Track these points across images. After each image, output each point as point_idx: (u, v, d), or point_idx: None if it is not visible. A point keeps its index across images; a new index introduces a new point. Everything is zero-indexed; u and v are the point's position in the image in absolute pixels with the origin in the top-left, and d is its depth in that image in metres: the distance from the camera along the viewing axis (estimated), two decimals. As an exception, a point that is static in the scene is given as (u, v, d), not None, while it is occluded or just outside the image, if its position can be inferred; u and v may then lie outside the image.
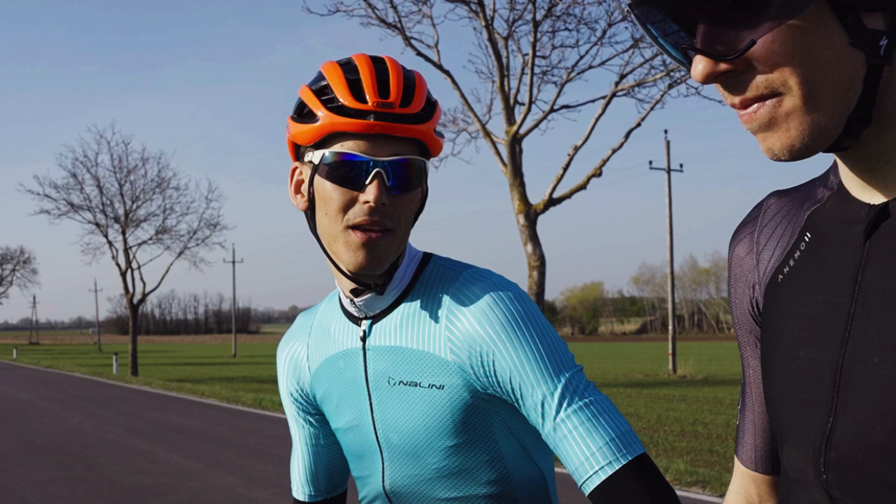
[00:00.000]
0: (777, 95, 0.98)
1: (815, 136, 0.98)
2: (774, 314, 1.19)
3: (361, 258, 1.64)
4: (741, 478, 1.43)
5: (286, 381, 1.97)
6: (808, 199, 1.21)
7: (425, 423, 1.71)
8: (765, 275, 1.24)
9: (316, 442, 1.98)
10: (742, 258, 1.30)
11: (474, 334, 1.64)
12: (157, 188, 41.88)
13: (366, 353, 1.78)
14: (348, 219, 1.63)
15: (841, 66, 0.96)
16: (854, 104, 0.98)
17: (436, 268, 1.77)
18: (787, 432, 1.14)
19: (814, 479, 1.08)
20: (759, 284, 1.26)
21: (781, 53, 0.96)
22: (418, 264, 1.78)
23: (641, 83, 15.76)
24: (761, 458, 1.38)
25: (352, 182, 1.62)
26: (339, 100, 1.61)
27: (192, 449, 14.96)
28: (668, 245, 40.25)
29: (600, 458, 1.56)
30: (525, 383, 1.61)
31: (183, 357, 76.77)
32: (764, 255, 1.25)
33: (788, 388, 1.13)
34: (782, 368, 1.15)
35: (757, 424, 1.37)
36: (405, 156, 1.63)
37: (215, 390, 29.05)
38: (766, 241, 1.25)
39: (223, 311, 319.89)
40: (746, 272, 1.29)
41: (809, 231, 1.17)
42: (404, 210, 1.66)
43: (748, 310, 1.30)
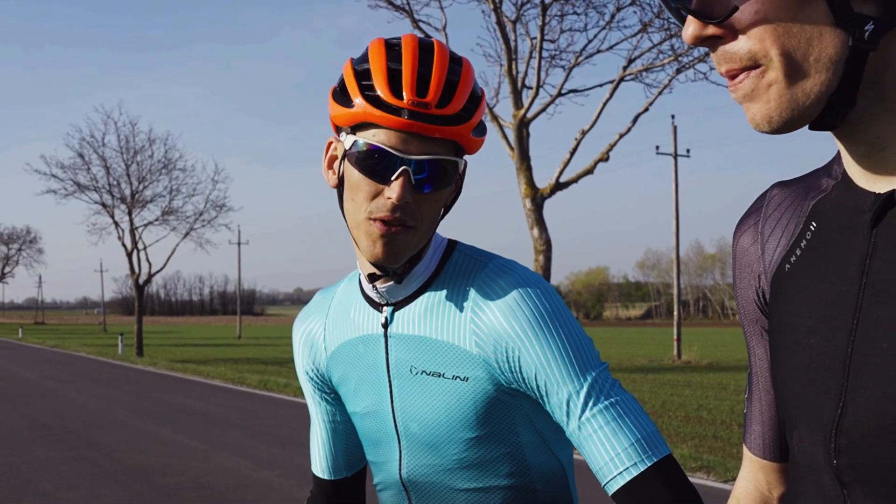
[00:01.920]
0: (760, 67, 0.99)
1: (792, 110, 0.99)
2: (782, 303, 1.19)
3: (379, 250, 1.62)
4: (750, 465, 1.43)
5: (302, 359, 1.96)
6: (813, 189, 1.21)
7: (447, 414, 1.70)
8: (770, 265, 1.24)
9: (333, 419, 1.96)
10: (747, 248, 1.30)
11: (500, 329, 1.63)
12: (164, 169, 41.83)
13: (388, 341, 1.75)
14: (371, 210, 1.61)
15: (823, 45, 0.97)
16: (835, 85, 0.98)
17: (461, 257, 1.74)
18: (797, 418, 1.14)
19: (824, 464, 1.08)
20: (764, 274, 1.26)
21: (765, 24, 0.97)
22: (443, 252, 1.76)
23: (649, 68, 15.71)
24: (769, 445, 1.38)
25: (378, 175, 1.59)
26: (377, 90, 1.58)
27: (197, 430, 15.00)
28: (675, 230, 40.16)
29: (625, 458, 1.54)
30: (550, 381, 1.60)
31: (188, 338, 76.91)
32: (769, 246, 1.25)
33: (798, 375, 1.13)
34: (791, 356, 1.15)
35: (764, 412, 1.37)
36: (435, 155, 1.60)
37: (220, 371, 29.12)
38: (771, 231, 1.25)
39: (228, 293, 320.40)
40: (752, 262, 1.29)
41: (815, 220, 1.17)
42: (429, 208, 1.63)
43: (754, 299, 1.30)
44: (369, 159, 1.59)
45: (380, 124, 1.58)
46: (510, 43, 16.30)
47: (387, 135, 1.58)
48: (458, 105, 1.59)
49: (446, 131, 1.58)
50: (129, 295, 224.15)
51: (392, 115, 1.56)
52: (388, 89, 1.57)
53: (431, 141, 1.59)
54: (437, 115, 1.57)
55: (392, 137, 1.58)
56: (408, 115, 1.56)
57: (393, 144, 1.58)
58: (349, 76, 1.63)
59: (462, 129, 1.60)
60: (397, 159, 1.58)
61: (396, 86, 1.57)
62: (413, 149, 1.58)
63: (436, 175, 1.61)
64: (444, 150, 1.61)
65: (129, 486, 10.14)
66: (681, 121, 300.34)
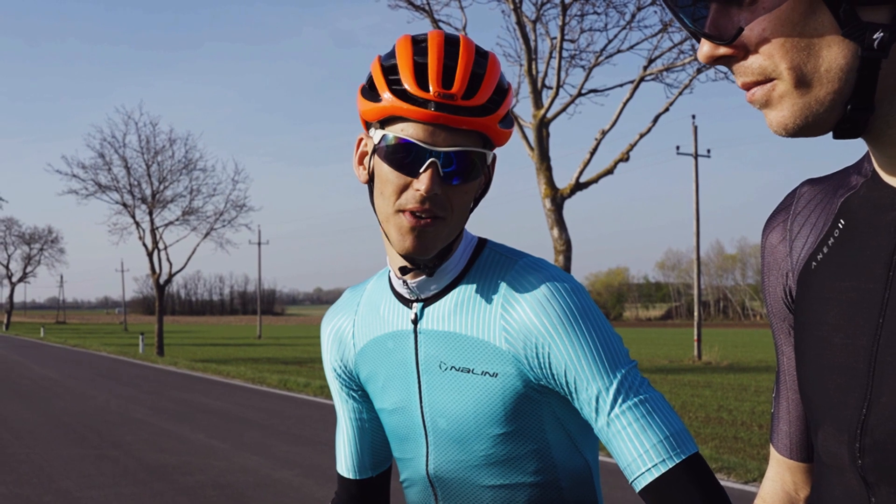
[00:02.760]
0: (771, 80, 1.01)
1: (807, 119, 1.01)
2: (808, 301, 1.18)
3: (410, 243, 1.64)
4: (777, 465, 1.43)
5: (330, 355, 1.96)
6: (842, 187, 1.21)
7: (475, 410, 1.70)
8: (798, 262, 1.24)
9: (360, 416, 1.97)
10: (775, 246, 1.29)
11: (531, 325, 1.63)
12: (184, 169, 42.02)
13: (417, 337, 1.77)
14: (400, 203, 1.63)
15: (831, 56, 0.98)
16: (849, 93, 0.99)
17: (491, 254, 1.76)
18: (821, 418, 1.13)
19: (849, 464, 1.08)
20: (792, 272, 1.25)
21: (772, 41, 0.99)
22: (473, 250, 1.77)
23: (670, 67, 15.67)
24: (796, 445, 1.38)
25: (407, 168, 1.61)
26: (404, 84, 1.60)
27: (217, 429, 15.05)
28: (695, 231, 40.06)
29: (654, 455, 1.55)
30: (580, 377, 1.60)
31: (208, 338, 77.20)
32: (797, 243, 1.25)
33: (822, 374, 1.13)
34: (816, 354, 1.15)
35: (792, 412, 1.37)
36: (463, 147, 1.61)
37: (240, 371, 29.21)
38: (800, 228, 1.25)
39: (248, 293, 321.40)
40: (780, 260, 1.28)
41: (843, 218, 1.17)
42: (459, 199, 1.65)
43: (782, 297, 1.30)
44: (398, 153, 1.61)
45: (407, 117, 1.60)
46: (530, 43, 16.28)
47: (414, 128, 1.60)
48: (484, 96, 1.61)
49: (473, 122, 1.60)
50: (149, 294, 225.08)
51: (419, 108, 1.58)
52: (414, 82, 1.59)
53: (459, 133, 1.61)
54: (464, 107, 1.59)
55: (420, 130, 1.60)
56: (434, 106, 1.58)
57: (421, 137, 1.60)
58: (377, 72, 1.65)
59: (488, 120, 1.62)
60: (425, 151, 1.60)
61: (423, 79, 1.60)
62: (441, 141, 1.60)
63: (464, 167, 1.62)
64: (471, 142, 1.63)
65: (149, 484, 10.18)
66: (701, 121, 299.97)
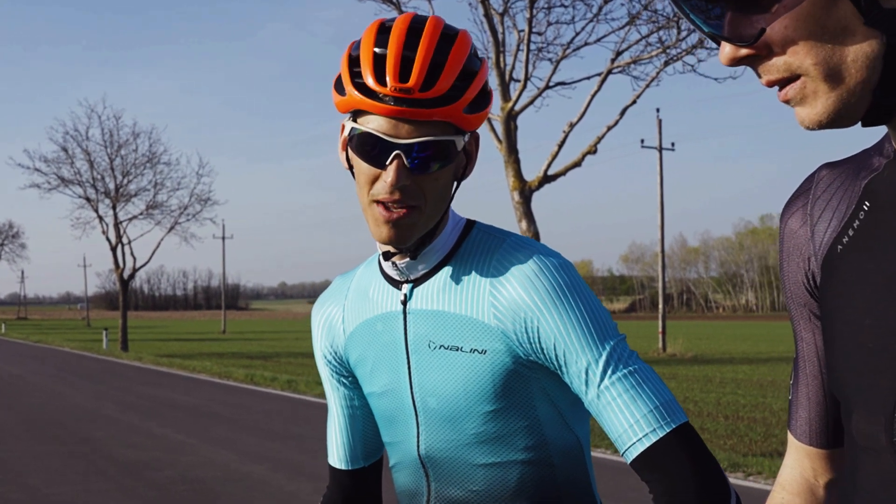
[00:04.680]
0: (798, 77, 1.01)
1: (839, 110, 1.01)
2: (835, 285, 1.18)
3: (385, 233, 1.66)
4: (795, 452, 1.43)
5: (320, 343, 1.97)
6: (864, 169, 1.20)
7: (465, 388, 1.71)
8: (821, 246, 1.23)
9: (351, 404, 1.97)
10: (795, 231, 1.29)
11: (519, 301, 1.64)
12: (148, 163, 41.63)
13: (406, 317, 1.78)
14: (373, 194, 1.64)
15: (856, 46, 0.98)
16: (876, 81, 0.99)
17: (479, 234, 1.77)
18: (854, 401, 1.13)
19: (886, 446, 1.08)
20: (815, 256, 1.25)
21: (795, 38, 0.99)
22: (461, 230, 1.78)
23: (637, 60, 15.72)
24: (816, 432, 1.38)
25: (375, 160, 1.63)
26: (364, 78, 1.61)
27: (184, 424, 14.97)
28: (659, 224, 40.26)
29: (644, 425, 1.56)
30: (569, 350, 1.61)
31: (172, 333, 76.75)
32: (819, 227, 1.24)
33: (854, 357, 1.12)
34: (846, 338, 1.14)
35: (811, 398, 1.37)
36: (428, 137, 1.61)
37: (206, 366, 29.07)
38: (821, 212, 1.24)
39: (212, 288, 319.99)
40: (801, 245, 1.28)
41: (868, 200, 1.16)
42: (431, 187, 1.65)
43: (803, 283, 1.29)
44: (365, 145, 1.63)
45: (368, 111, 1.61)
46: (498, 35, 16.28)
47: (378, 121, 1.62)
48: (443, 86, 1.60)
49: (433, 114, 1.60)
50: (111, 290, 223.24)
51: (378, 103, 1.59)
52: (373, 76, 1.60)
53: (424, 123, 1.61)
54: (422, 99, 1.59)
55: (383, 123, 1.61)
56: (392, 101, 1.59)
57: (384, 130, 1.61)
58: (344, 64, 1.67)
59: (451, 109, 1.61)
60: (390, 144, 1.61)
61: (381, 72, 1.60)
62: (405, 133, 1.61)
63: (432, 155, 1.63)
64: (439, 130, 1.63)
65: (118, 480, 10.10)
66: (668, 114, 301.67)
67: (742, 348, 40.02)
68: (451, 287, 1.73)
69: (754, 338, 53.52)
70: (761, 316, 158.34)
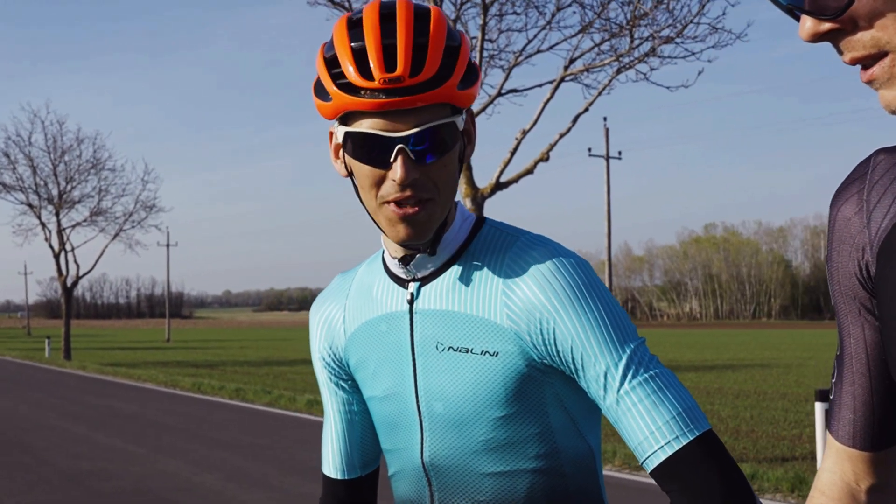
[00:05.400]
0: (885, 53, 0.94)
1: None
2: (894, 274, 1.11)
3: (403, 232, 1.57)
4: (836, 455, 1.36)
5: (319, 344, 1.87)
6: None
7: (474, 392, 1.62)
8: (878, 234, 1.17)
9: (349, 409, 1.87)
10: (849, 219, 1.22)
11: (535, 301, 1.56)
12: (93, 169, 41.13)
13: (413, 317, 1.69)
14: (382, 195, 1.56)
15: None
16: None
17: (491, 231, 1.68)
18: None
19: None
20: (870, 245, 1.18)
21: (885, 10, 0.92)
22: (472, 226, 1.70)
23: (590, 68, 15.75)
24: (860, 434, 1.31)
25: (377, 160, 1.54)
26: (347, 76, 1.51)
27: (132, 433, 14.73)
28: (606, 232, 40.48)
29: (666, 432, 1.48)
30: (587, 353, 1.53)
31: (115, 341, 75.79)
32: (876, 214, 1.18)
33: None
34: None
35: (857, 398, 1.30)
36: (428, 124, 1.53)
37: (151, 375, 28.75)
38: (879, 198, 1.18)
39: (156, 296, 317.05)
40: (854, 234, 1.21)
41: None
42: (441, 175, 1.57)
43: (854, 273, 1.22)
44: (364, 147, 1.54)
45: (359, 110, 1.52)
46: (450, 42, 16.25)
47: (372, 120, 1.53)
48: (433, 67, 1.52)
49: (428, 97, 1.51)
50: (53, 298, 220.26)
51: (368, 100, 1.50)
52: (357, 72, 1.50)
53: (420, 110, 1.53)
54: (414, 85, 1.50)
55: (378, 122, 1.52)
56: (383, 94, 1.50)
57: (381, 127, 1.52)
58: (321, 67, 1.57)
59: (445, 89, 1.53)
60: (390, 140, 1.52)
61: (364, 67, 1.51)
62: (402, 125, 1.52)
63: (436, 142, 1.54)
64: (436, 113, 1.55)
65: (66, 491, 9.89)
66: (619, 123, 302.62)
67: (688, 356, 40.25)
68: (461, 286, 1.64)
69: (699, 346, 53.92)
70: (705, 324, 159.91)
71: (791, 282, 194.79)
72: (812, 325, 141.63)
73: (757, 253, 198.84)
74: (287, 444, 13.41)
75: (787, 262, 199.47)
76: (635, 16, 14.30)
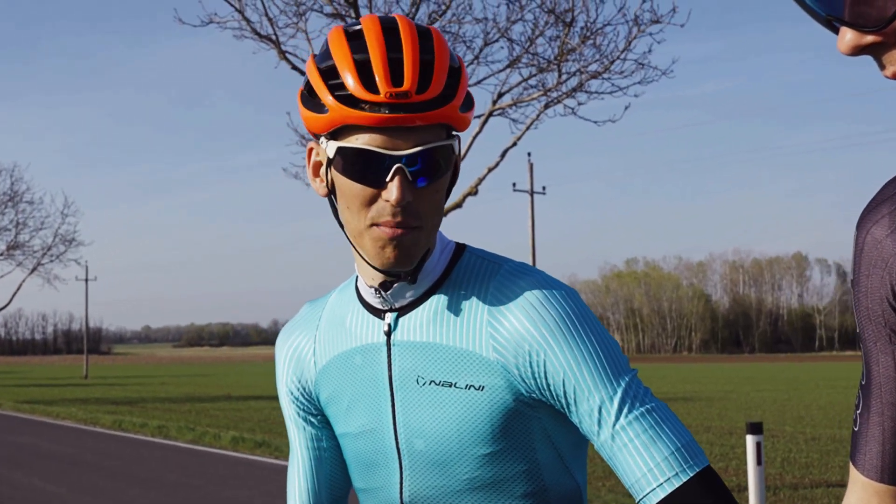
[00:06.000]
0: None
1: None
2: None
3: (390, 254, 1.48)
4: (862, 491, 1.28)
5: (286, 377, 1.76)
6: None
7: (458, 428, 1.54)
8: None
9: (318, 445, 1.76)
10: (880, 241, 1.17)
11: (524, 332, 1.49)
12: (10, 202, 40.36)
13: (391, 349, 1.60)
14: (373, 217, 1.47)
15: None
16: None
17: (472, 258, 1.60)
18: None
19: None
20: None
21: None
22: (452, 254, 1.61)
23: (517, 102, 15.84)
24: (890, 467, 1.24)
25: (371, 179, 1.45)
26: (349, 88, 1.43)
27: (52, 472, 14.32)
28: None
29: (665, 469, 1.42)
30: (580, 387, 1.46)
31: (31, 378, 73.87)
32: None
33: None
34: None
35: (886, 429, 1.24)
36: (429, 144, 1.46)
37: (70, 412, 28.05)
38: None
39: (73, 331, 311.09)
40: (886, 256, 1.16)
41: None
42: (431, 201, 1.50)
43: (887, 298, 1.17)
44: (358, 164, 1.45)
45: (358, 124, 1.43)
46: (379, 76, 16.25)
47: (370, 136, 1.44)
48: (439, 86, 1.45)
49: (433, 117, 1.44)
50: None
51: (370, 114, 1.41)
52: (360, 85, 1.42)
53: (419, 130, 1.45)
54: (420, 102, 1.43)
55: (376, 138, 1.44)
56: (388, 109, 1.41)
57: (379, 144, 1.44)
58: (315, 77, 1.48)
59: (448, 109, 1.46)
60: (388, 158, 1.44)
61: (369, 79, 1.42)
62: (402, 143, 1.44)
63: (431, 165, 1.47)
64: (434, 135, 1.47)
65: (-17, 533, 9.56)
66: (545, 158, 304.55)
67: (612, 389, 40.36)
68: (444, 317, 1.56)
69: (623, 379, 54.21)
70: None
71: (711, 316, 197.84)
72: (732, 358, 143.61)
73: (678, 287, 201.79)
74: (213, 482, 13.14)
75: (707, 297, 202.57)
76: (563, 51, 14.40)
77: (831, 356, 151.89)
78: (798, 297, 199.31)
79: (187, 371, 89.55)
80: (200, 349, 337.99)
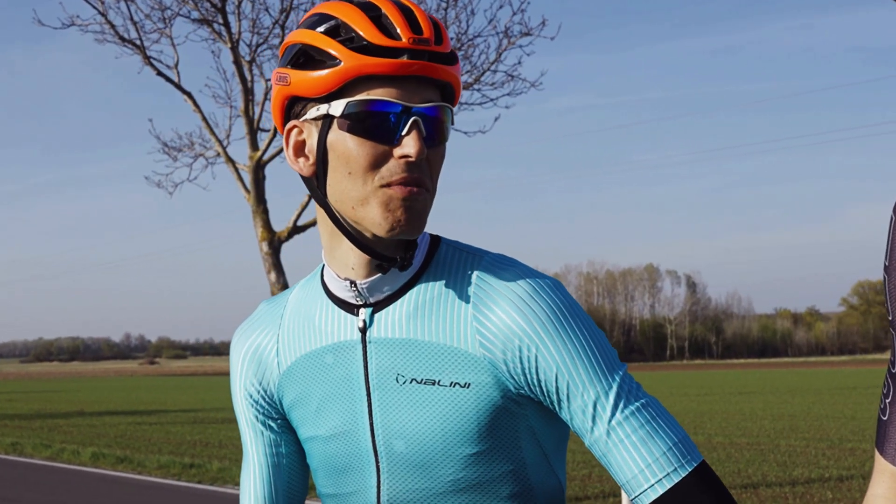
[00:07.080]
0: None
1: None
2: None
3: (401, 216, 1.40)
4: (889, 480, 1.25)
5: (243, 379, 1.66)
6: None
7: (442, 428, 1.47)
8: None
9: (276, 451, 1.66)
10: None
11: (513, 326, 1.43)
12: None
13: (366, 347, 1.52)
14: (382, 177, 1.40)
15: None
16: None
17: (451, 250, 1.54)
18: None
19: None
20: None
21: None
22: (429, 245, 1.55)
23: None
24: None
25: (382, 135, 1.39)
26: (364, 38, 1.37)
27: None
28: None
29: (664, 465, 1.39)
30: (574, 382, 1.42)
31: None
32: None
33: None
34: None
35: None
36: (440, 103, 1.42)
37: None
38: None
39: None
40: None
41: None
42: (437, 166, 1.45)
43: None
44: (368, 119, 1.38)
45: (376, 73, 1.37)
46: (247, 83, 16.00)
47: (384, 88, 1.39)
48: (448, 43, 1.43)
49: (448, 71, 1.42)
50: None
51: (391, 59, 1.37)
52: (378, 32, 1.38)
53: (429, 87, 1.42)
54: (439, 53, 1.40)
55: (391, 90, 1.39)
56: (409, 55, 1.37)
57: (394, 96, 1.39)
58: (317, 38, 1.41)
59: (457, 69, 1.44)
60: (405, 110, 1.39)
61: (386, 28, 1.39)
62: (416, 98, 1.40)
63: (438, 127, 1.43)
64: (439, 97, 1.44)
65: None
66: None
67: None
68: (424, 311, 1.49)
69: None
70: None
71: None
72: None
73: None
74: (74, 500, 12.70)
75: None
76: (434, 62, 14.51)
77: (682, 365, 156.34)
78: (650, 308, 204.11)
79: (36, 387, 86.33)
80: (49, 364, 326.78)
